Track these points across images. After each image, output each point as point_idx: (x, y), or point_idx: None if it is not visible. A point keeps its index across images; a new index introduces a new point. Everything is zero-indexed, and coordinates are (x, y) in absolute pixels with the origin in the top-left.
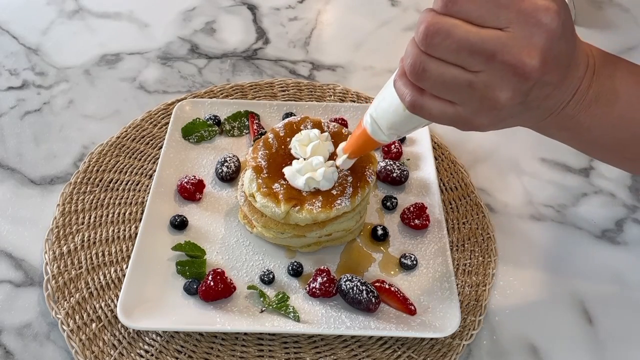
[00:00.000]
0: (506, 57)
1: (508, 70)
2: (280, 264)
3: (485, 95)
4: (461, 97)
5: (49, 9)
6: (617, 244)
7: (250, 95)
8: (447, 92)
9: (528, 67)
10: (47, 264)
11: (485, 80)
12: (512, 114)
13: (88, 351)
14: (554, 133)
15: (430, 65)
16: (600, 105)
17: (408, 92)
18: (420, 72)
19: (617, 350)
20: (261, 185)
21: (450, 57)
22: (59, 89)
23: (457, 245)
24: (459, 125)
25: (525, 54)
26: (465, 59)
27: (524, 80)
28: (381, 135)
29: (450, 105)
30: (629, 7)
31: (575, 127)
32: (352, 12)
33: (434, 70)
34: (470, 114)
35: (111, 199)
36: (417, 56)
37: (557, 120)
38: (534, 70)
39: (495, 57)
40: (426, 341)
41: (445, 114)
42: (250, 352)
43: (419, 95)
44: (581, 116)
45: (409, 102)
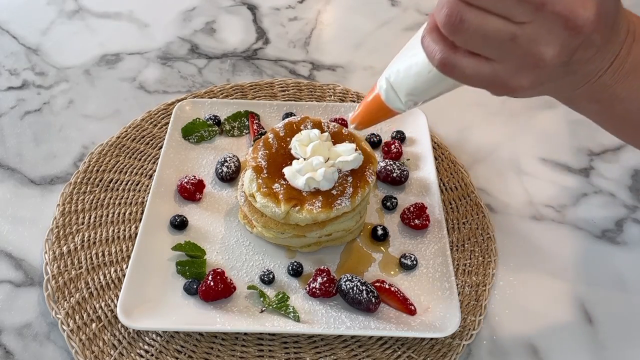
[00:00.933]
0: (558, 7)
1: (558, 21)
2: (280, 264)
3: (529, 50)
4: (501, 52)
5: (49, 9)
6: (617, 244)
7: (250, 95)
8: (485, 47)
9: (581, 19)
10: (47, 264)
11: (531, 33)
12: (552, 77)
13: (88, 351)
14: (585, 106)
15: (469, 15)
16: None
17: (439, 48)
18: (458, 23)
19: (617, 350)
20: (261, 185)
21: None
22: (59, 89)
23: (457, 245)
24: (493, 87)
25: (580, 4)
26: (511, 7)
27: (575, 34)
28: (397, 103)
29: (487, 63)
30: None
31: (610, 98)
32: (352, 12)
33: (473, 20)
34: (509, 73)
35: (111, 199)
36: (455, 4)
37: (591, 90)
38: (587, 24)
39: (546, 6)
40: (426, 341)
41: (480, 73)
42: (250, 352)
43: (452, 52)
44: (617, 87)
45: (439, 60)
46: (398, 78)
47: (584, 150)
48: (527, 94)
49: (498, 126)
